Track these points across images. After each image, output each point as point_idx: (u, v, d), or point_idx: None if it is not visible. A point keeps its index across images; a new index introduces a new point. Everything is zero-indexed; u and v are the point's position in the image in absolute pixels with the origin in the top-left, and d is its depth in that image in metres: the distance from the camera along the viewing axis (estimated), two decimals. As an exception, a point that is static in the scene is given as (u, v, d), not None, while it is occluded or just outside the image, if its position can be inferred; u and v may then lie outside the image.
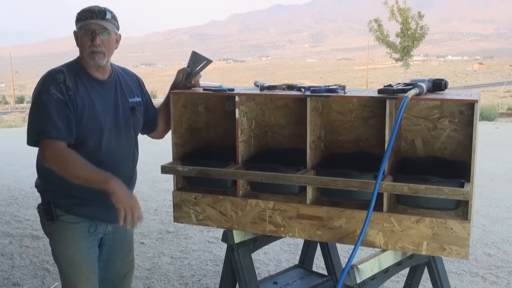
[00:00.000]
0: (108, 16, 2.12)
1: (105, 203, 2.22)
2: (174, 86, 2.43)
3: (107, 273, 2.38)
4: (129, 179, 2.32)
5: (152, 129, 2.49)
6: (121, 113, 2.23)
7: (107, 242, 2.34)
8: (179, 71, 2.44)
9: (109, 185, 2.01)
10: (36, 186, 2.22)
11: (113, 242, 2.36)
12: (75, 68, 2.14)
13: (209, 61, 2.45)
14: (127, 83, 2.30)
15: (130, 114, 2.27)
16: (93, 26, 2.10)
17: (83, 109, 2.09)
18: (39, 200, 2.24)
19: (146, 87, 2.47)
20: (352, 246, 1.96)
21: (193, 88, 2.47)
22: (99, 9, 2.11)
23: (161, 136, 2.57)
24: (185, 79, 2.43)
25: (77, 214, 2.16)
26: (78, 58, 2.18)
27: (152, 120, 2.45)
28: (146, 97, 2.40)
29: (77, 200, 2.15)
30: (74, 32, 2.15)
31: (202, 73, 2.49)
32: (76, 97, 2.07)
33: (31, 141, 2.07)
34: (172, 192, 2.45)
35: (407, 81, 2.21)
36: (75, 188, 2.13)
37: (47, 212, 2.17)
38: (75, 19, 2.15)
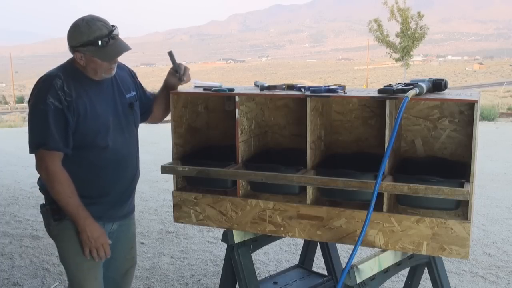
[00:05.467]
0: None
1: (112, 202, 2.23)
2: (169, 87, 2.39)
3: (108, 271, 2.38)
4: (133, 176, 2.33)
5: (146, 117, 2.45)
6: (121, 111, 2.22)
7: (111, 240, 2.34)
8: (171, 73, 2.38)
9: (80, 223, 2.11)
10: (40, 186, 2.20)
11: (116, 240, 2.36)
12: (71, 71, 2.11)
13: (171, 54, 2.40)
14: (122, 78, 2.28)
15: (129, 111, 2.26)
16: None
17: (86, 113, 2.08)
18: (40, 200, 2.23)
19: (146, 87, 2.46)
20: (352, 246, 1.96)
21: (192, 86, 2.47)
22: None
23: (158, 120, 2.51)
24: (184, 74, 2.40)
25: None
26: (72, 59, 2.13)
27: (147, 110, 2.43)
28: (139, 89, 2.38)
29: (85, 199, 2.14)
30: (80, 50, 2.04)
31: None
32: (76, 102, 2.05)
33: (31, 151, 2.10)
34: (172, 192, 2.45)
35: (407, 81, 2.21)
36: (82, 187, 2.13)
37: (54, 212, 2.15)
38: (84, 39, 2.01)
